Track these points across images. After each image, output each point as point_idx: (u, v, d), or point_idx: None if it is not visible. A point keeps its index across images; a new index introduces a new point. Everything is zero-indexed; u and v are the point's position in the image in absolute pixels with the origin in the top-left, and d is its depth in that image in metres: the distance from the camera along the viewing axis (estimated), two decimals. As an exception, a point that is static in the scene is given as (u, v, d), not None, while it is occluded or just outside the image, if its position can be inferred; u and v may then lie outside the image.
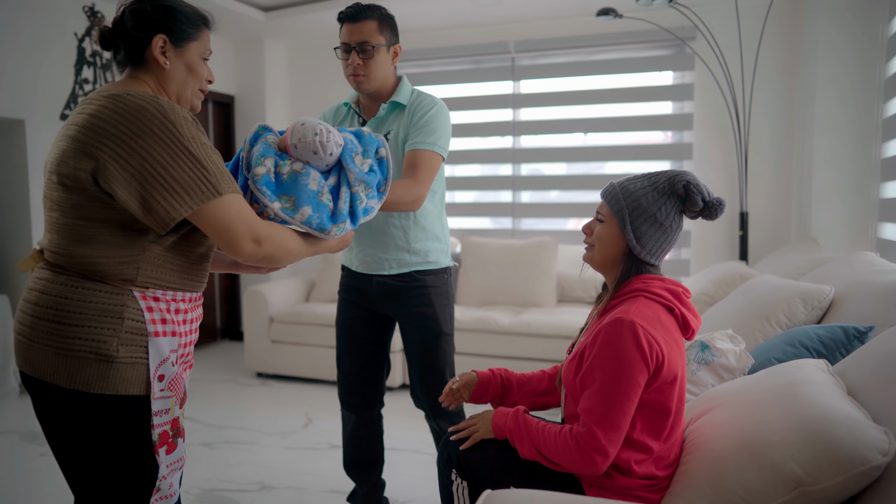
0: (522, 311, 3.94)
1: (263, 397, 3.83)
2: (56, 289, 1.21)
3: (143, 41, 1.27)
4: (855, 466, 1.07)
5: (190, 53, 1.32)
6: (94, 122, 1.17)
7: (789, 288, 2.20)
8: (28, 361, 1.22)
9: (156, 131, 1.16)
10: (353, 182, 1.45)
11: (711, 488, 1.23)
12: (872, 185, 3.34)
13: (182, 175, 1.17)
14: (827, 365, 1.47)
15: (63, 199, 1.20)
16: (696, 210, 1.39)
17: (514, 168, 4.63)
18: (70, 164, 1.17)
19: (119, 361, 1.21)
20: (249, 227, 1.24)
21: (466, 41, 4.64)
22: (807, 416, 1.18)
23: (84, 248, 1.20)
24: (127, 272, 1.22)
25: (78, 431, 1.22)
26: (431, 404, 2.09)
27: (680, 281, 3.87)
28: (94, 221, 1.19)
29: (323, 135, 1.43)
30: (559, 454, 1.33)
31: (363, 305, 2.13)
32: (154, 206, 1.16)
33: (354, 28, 1.91)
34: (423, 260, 2.05)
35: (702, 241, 4.25)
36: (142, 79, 1.30)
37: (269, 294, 4.18)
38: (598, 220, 1.46)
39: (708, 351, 1.82)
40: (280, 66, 5.15)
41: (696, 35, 4.02)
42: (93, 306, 1.20)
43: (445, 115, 1.98)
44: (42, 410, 1.26)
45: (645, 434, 1.33)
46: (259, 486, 2.61)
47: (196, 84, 1.35)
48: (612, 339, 1.30)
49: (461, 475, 1.49)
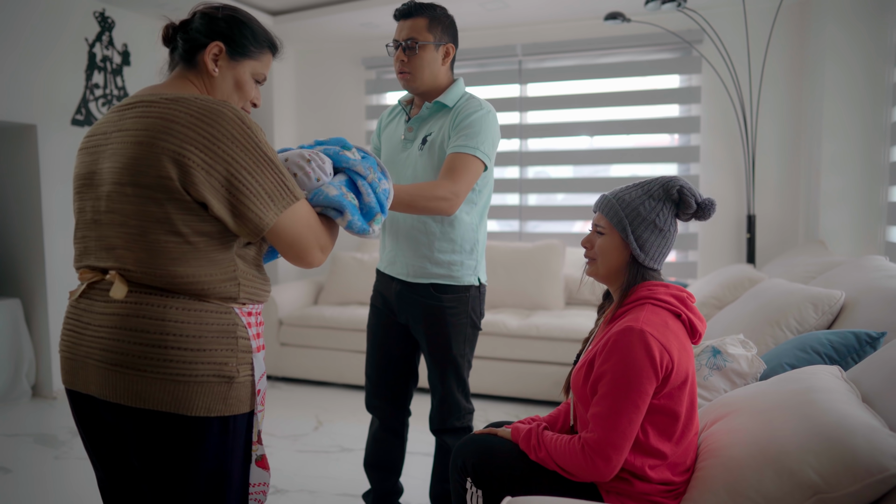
0: (531, 314, 3.96)
1: (273, 400, 3.85)
2: (163, 312, 1.14)
3: (201, 44, 1.25)
4: (872, 474, 1.08)
5: (243, 69, 1.30)
6: (171, 127, 1.11)
7: (799, 293, 2.22)
8: (130, 392, 1.14)
9: (236, 136, 1.13)
10: (363, 172, 1.39)
11: (728, 494, 1.25)
12: (881, 188, 3.36)
13: (265, 180, 1.15)
14: (841, 371, 1.48)
15: (143, 213, 1.12)
16: (689, 212, 1.44)
17: (521, 171, 4.65)
18: (150, 172, 1.11)
19: (237, 381, 1.19)
20: (317, 235, 1.25)
21: (473, 44, 4.66)
22: (823, 423, 1.20)
23: (182, 266, 1.14)
24: (230, 290, 1.19)
25: (186, 457, 1.17)
26: (439, 417, 2.06)
27: (688, 284, 3.89)
28: (187, 236, 1.13)
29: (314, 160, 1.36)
30: (566, 459, 1.37)
31: (387, 312, 2.10)
32: (246, 213, 1.14)
33: (404, 25, 1.90)
34: (445, 273, 1.94)
35: (709, 243, 4.26)
36: (190, 81, 1.26)
37: (278, 297, 4.20)
38: (597, 234, 1.48)
39: (720, 356, 1.84)
40: (288, 70, 5.17)
41: (704, 38, 4.03)
42: (210, 328, 1.16)
43: (492, 120, 1.90)
44: (136, 440, 1.17)
45: (657, 439, 1.35)
46: (272, 490, 2.63)
47: (240, 102, 1.32)
48: (622, 347, 1.32)
49: (476, 483, 1.50)
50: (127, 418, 1.16)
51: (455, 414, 2.05)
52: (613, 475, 1.34)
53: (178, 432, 1.15)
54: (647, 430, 1.34)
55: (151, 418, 1.14)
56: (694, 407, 1.41)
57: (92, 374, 1.17)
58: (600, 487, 1.40)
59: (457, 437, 2.07)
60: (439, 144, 1.91)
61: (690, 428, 1.39)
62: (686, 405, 1.37)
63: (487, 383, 3.75)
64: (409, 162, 1.95)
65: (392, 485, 2.26)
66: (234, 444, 1.21)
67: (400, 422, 2.21)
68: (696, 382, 1.42)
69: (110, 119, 1.21)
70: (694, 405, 1.40)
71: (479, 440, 1.56)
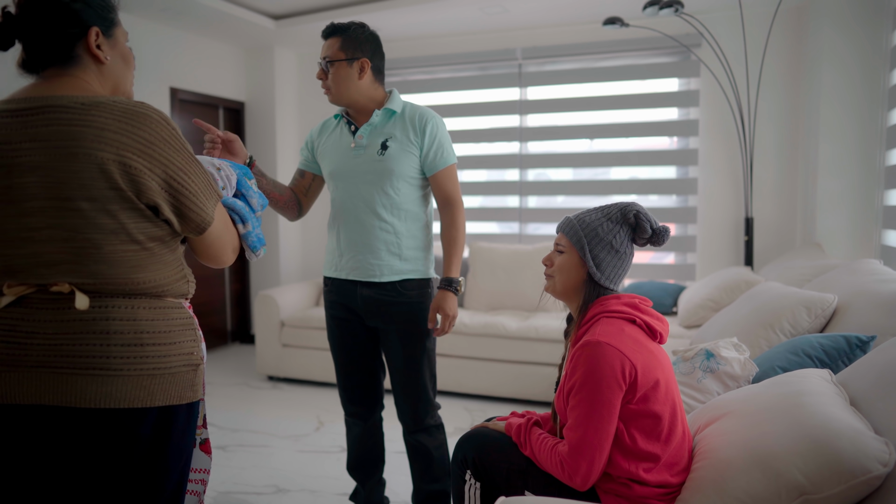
0: (530, 316, 3.99)
1: (275, 400, 3.89)
2: (133, 313, 1.15)
3: (75, 36, 1.14)
4: (856, 476, 1.11)
5: (120, 42, 1.22)
6: (102, 135, 1.07)
7: (794, 296, 2.25)
8: (100, 394, 1.12)
9: (167, 137, 1.12)
10: (255, 207, 1.42)
11: (717, 495, 1.28)
12: (876, 192, 3.38)
13: (198, 179, 1.18)
14: (830, 375, 1.51)
15: (94, 227, 1.09)
16: (645, 237, 1.50)
17: (520, 173, 4.68)
18: (99, 185, 1.07)
19: (201, 368, 1.26)
20: (231, 235, 1.31)
21: (474, 48, 4.69)
22: (810, 426, 1.23)
23: (143, 272, 1.16)
24: (182, 287, 1.24)
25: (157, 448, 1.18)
26: (414, 416, 2.14)
27: (686, 286, 3.92)
28: (143, 242, 1.14)
29: (224, 170, 1.40)
30: (549, 468, 1.44)
31: (350, 319, 2.14)
32: (188, 214, 1.17)
33: (323, 45, 2.07)
34: (413, 268, 2.08)
35: (707, 246, 4.29)
36: (81, 78, 1.16)
37: (280, 298, 4.24)
38: (557, 252, 1.56)
39: (713, 359, 1.87)
40: (290, 73, 5.21)
41: (702, 42, 4.06)
42: (176, 322, 1.21)
43: (444, 126, 2.11)
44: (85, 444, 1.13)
45: (645, 442, 1.39)
46: (273, 489, 2.67)
47: (130, 73, 1.25)
48: (583, 361, 1.38)
49: (476, 476, 1.56)
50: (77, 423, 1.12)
51: (430, 412, 2.16)
52: (591, 484, 1.39)
53: (149, 426, 1.16)
54: (634, 435, 1.38)
55: (115, 417, 1.13)
56: (677, 405, 1.44)
57: (45, 383, 1.12)
58: (598, 488, 1.44)
59: (432, 435, 2.17)
60: (405, 146, 2.04)
61: (677, 425, 1.42)
62: (667, 404, 1.40)
63: (487, 384, 3.79)
64: (363, 167, 2.04)
65: (378, 478, 2.34)
66: (193, 428, 1.27)
67: (379, 416, 2.29)
68: (673, 380, 1.45)
69: (6, 125, 1.10)
70: (676, 403, 1.44)
71: (480, 435, 1.62)
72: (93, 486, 1.15)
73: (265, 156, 5.11)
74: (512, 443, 1.57)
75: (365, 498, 2.33)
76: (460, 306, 4.25)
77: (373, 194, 2.03)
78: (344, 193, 2.07)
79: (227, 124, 5.12)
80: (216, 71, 4.87)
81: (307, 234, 5.34)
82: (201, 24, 4.42)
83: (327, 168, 2.12)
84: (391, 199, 2.03)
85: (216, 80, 4.88)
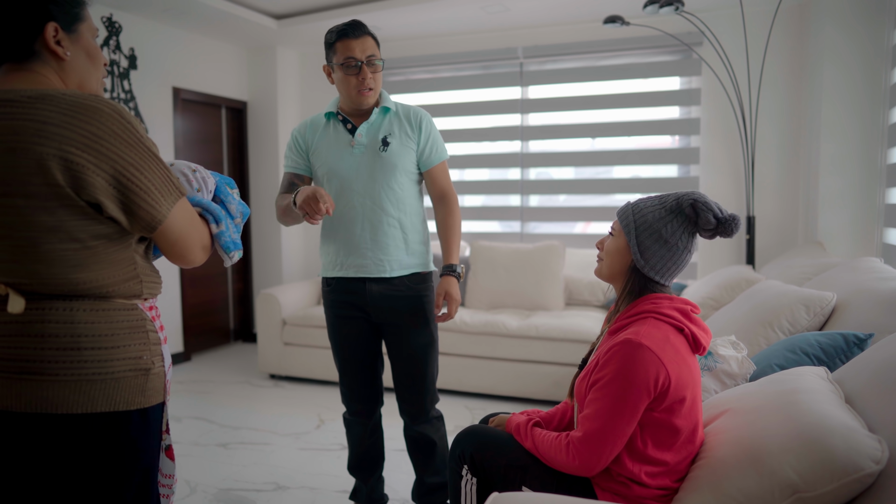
0: (531, 315, 4.00)
1: (276, 398, 3.91)
2: (71, 315, 1.11)
3: (31, 32, 1.11)
4: (849, 474, 1.11)
5: (84, 38, 1.18)
6: (43, 129, 1.03)
7: (793, 294, 2.24)
8: (37, 399, 1.09)
9: (118, 132, 1.07)
10: (234, 213, 1.42)
11: (712, 493, 1.28)
12: (878, 190, 3.38)
13: (153, 176, 1.12)
14: (826, 372, 1.51)
15: (31, 224, 1.06)
16: (709, 228, 1.40)
17: (522, 172, 4.68)
18: (35, 181, 1.03)
19: (153, 373, 1.19)
20: (200, 234, 1.25)
21: (475, 47, 4.70)
22: (804, 424, 1.23)
23: (83, 272, 1.11)
24: (134, 288, 1.18)
25: (111, 455, 1.15)
26: (421, 407, 2.17)
27: (687, 284, 3.92)
28: (85, 241, 1.09)
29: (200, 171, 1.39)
30: (550, 451, 1.43)
31: (355, 316, 2.14)
32: (137, 212, 1.11)
33: (358, 43, 1.98)
34: (418, 262, 2.12)
35: (709, 244, 4.29)
36: (40, 73, 1.14)
37: (282, 297, 4.25)
38: (609, 235, 1.53)
39: (711, 357, 1.87)
40: (292, 73, 5.22)
41: (703, 41, 4.06)
42: (121, 325, 1.15)
43: (433, 122, 2.17)
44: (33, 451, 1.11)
45: (655, 450, 1.38)
46: (274, 486, 2.68)
47: (98, 71, 1.22)
48: (619, 358, 1.35)
49: (472, 472, 1.55)
50: (19, 427, 1.11)
51: (432, 404, 2.19)
52: (589, 473, 1.38)
53: (94, 432, 1.12)
54: (647, 440, 1.37)
55: (61, 423, 1.10)
56: (698, 423, 1.41)
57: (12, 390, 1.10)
58: (595, 485, 1.44)
59: (434, 426, 2.19)
60: (403, 142, 2.08)
61: (694, 441, 1.40)
62: (690, 420, 1.38)
63: (487, 383, 3.79)
64: (368, 165, 2.05)
65: (379, 475, 2.36)
66: (152, 434, 1.21)
67: (379, 414, 2.31)
68: (700, 397, 1.42)
69: None
70: (698, 422, 1.41)
71: (478, 431, 1.62)
72: (43, 494, 1.13)
73: (267, 155, 5.13)
74: (510, 439, 1.56)
75: (366, 495, 2.34)
76: (461, 305, 4.26)
77: (378, 191, 2.04)
78: (345, 192, 2.05)
79: (230, 124, 5.14)
80: (218, 71, 4.89)
81: (308, 233, 5.35)
82: (203, 24, 4.43)
83: (324, 168, 2.10)
84: (396, 194, 2.05)
85: (219, 80, 4.89)
